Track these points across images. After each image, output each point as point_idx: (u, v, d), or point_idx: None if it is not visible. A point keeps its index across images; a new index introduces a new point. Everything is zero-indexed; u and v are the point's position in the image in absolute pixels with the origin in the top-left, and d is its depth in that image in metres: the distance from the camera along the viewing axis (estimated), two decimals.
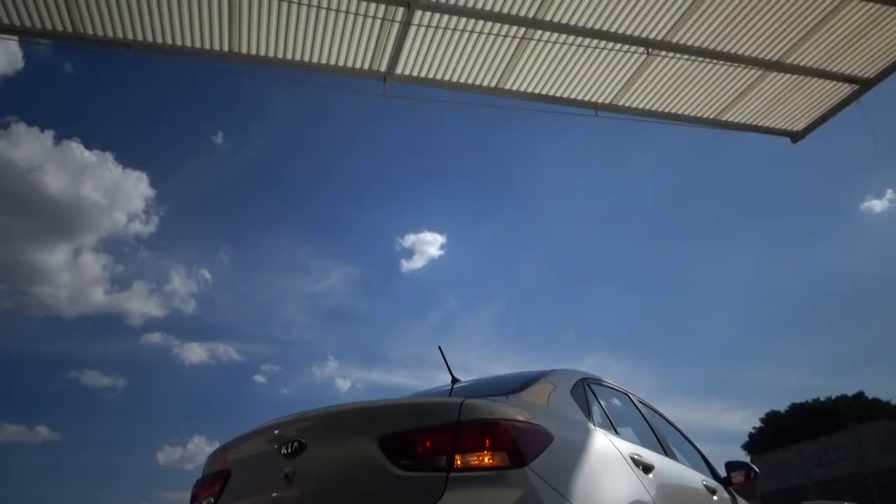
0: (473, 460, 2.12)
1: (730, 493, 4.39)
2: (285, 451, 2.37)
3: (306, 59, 6.29)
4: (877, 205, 65.01)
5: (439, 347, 3.16)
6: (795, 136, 8.22)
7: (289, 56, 6.25)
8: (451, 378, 3.25)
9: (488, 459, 2.12)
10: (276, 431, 2.49)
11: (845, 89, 7.56)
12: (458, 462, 2.12)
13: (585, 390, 3.13)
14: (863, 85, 7.46)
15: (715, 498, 3.93)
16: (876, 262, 62.27)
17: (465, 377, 3.38)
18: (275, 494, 2.37)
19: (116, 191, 58.65)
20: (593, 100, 7.30)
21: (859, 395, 47.31)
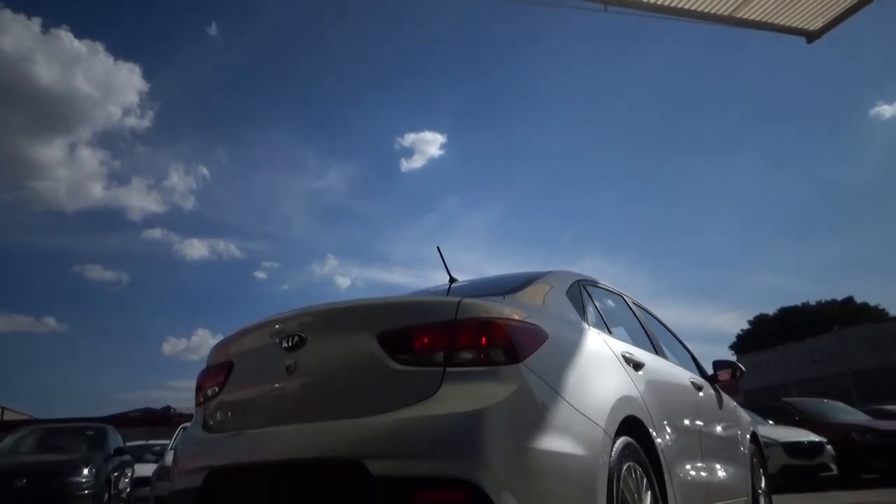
0: (469, 356, 2.18)
1: (715, 389, 4.57)
2: (286, 345, 2.43)
3: None
4: (886, 110, 63.47)
5: (438, 248, 3.18)
6: (811, 36, 7.92)
7: None
8: (448, 278, 3.29)
9: (484, 356, 2.18)
10: (278, 326, 2.54)
11: None
12: (455, 358, 2.18)
13: (581, 291, 3.18)
14: None
15: (701, 394, 4.08)
16: (880, 169, 61.66)
17: (462, 277, 3.43)
18: (277, 385, 2.45)
19: (109, 83, 57.16)
20: None
21: (848, 301, 48.27)
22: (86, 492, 8.02)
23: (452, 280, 3.26)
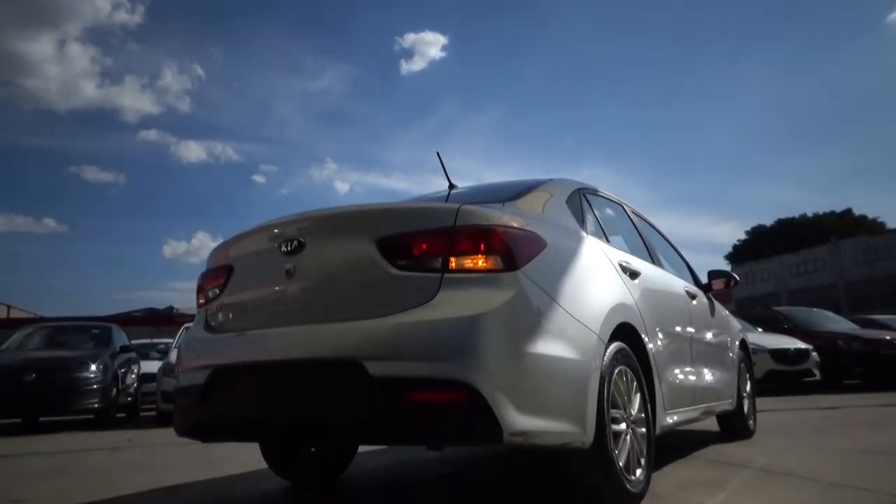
0: (467, 263, 2.20)
1: (708, 298, 4.66)
2: (285, 249, 2.45)
3: None
4: None
5: (437, 153, 3.13)
6: None
7: None
8: (448, 184, 3.26)
9: (482, 263, 2.20)
10: (277, 230, 2.55)
11: None
12: (453, 264, 2.20)
13: (581, 200, 3.17)
14: None
15: (694, 302, 4.16)
16: (891, 78, 60.05)
17: (462, 183, 3.40)
18: (276, 289, 2.48)
19: None
20: None
21: (846, 212, 48.38)
22: (94, 387, 8.29)
23: (452, 186, 3.24)
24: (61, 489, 3.57)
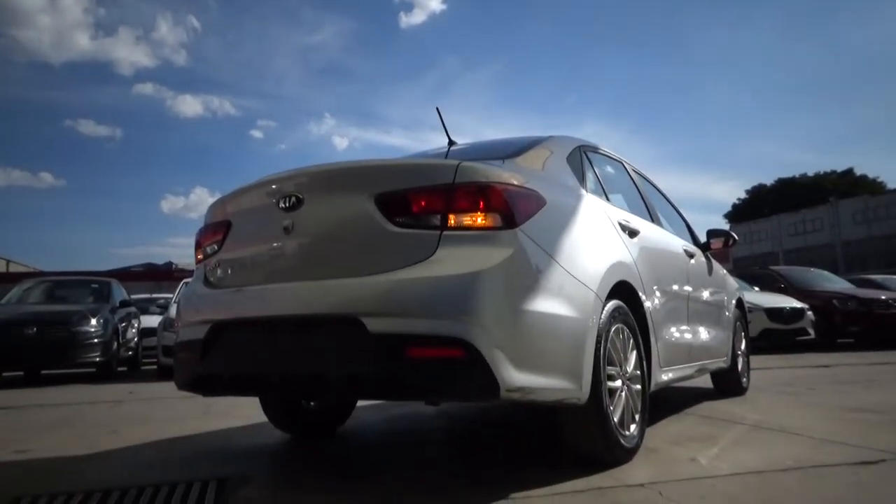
0: (466, 220, 2.19)
1: (707, 257, 4.67)
2: (284, 206, 2.43)
3: None
4: None
5: (437, 109, 3.09)
6: None
7: None
8: (447, 140, 3.23)
9: (481, 220, 2.19)
10: (274, 186, 2.53)
11: None
12: (452, 221, 2.19)
13: (581, 157, 3.14)
14: None
15: (692, 262, 4.17)
16: None
17: (462, 140, 3.37)
18: (274, 245, 2.47)
19: None
20: None
21: (847, 172, 48.14)
22: (95, 341, 8.36)
23: (451, 143, 3.20)
24: (64, 440, 3.63)
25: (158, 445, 3.41)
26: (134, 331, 10.56)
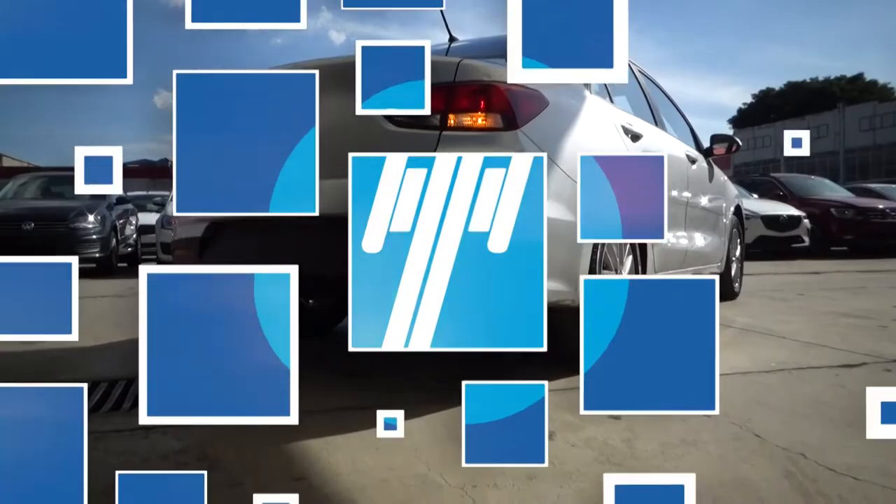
0: (467, 120, 2.15)
1: (708, 163, 4.62)
2: None
3: None
4: None
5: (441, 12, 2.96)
6: None
7: None
8: (448, 37, 3.12)
9: (482, 120, 2.14)
10: None
11: None
12: (452, 121, 2.14)
13: None
14: None
15: (694, 167, 4.13)
16: None
17: (463, 37, 3.25)
18: None
19: None
20: None
21: (858, 77, 46.95)
22: (94, 237, 8.39)
23: (452, 39, 3.09)
24: None
25: None
26: (132, 227, 10.59)
